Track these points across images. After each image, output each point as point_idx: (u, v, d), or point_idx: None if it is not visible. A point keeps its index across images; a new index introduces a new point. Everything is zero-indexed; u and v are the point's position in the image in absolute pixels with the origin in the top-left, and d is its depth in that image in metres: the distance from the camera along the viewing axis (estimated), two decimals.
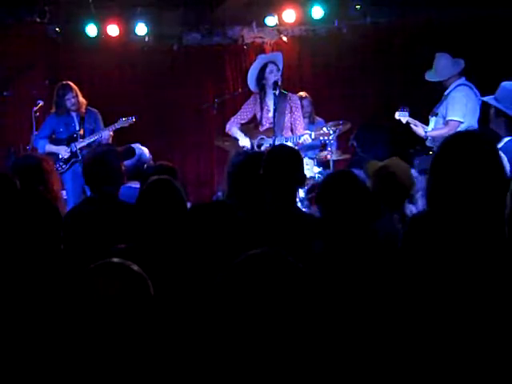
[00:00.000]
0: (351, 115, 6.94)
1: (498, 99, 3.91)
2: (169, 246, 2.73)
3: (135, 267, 1.95)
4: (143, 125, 6.86)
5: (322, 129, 5.72)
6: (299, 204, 5.83)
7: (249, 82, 5.99)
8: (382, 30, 7.33)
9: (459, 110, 5.37)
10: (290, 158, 3.21)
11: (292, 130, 5.88)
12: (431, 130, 5.65)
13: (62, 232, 3.18)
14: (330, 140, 5.68)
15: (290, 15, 7.19)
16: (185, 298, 2.37)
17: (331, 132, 5.56)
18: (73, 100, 6.16)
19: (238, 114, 6.13)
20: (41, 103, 6.40)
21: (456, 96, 5.45)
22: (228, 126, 6.13)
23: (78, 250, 3.01)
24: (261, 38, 7.82)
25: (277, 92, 5.75)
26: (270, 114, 5.86)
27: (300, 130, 5.86)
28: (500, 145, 3.81)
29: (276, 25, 7.44)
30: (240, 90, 7.37)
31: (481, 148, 2.24)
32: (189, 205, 3.85)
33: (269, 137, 5.79)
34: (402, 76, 7.40)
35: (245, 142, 5.95)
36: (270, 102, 5.89)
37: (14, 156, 6.81)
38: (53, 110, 6.29)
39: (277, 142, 5.60)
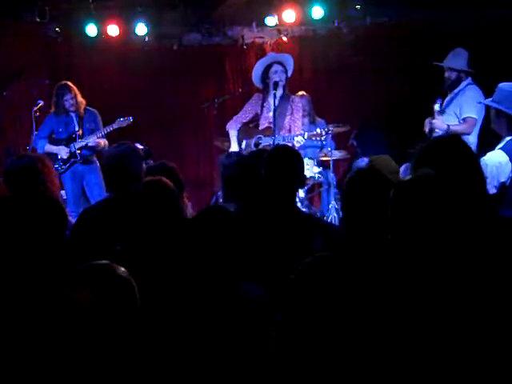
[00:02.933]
0: (351, 115, 6.95)
1: (497, 101, 3.92)
2: (161, 248, 2.73)
3: (121, 271, 1.92)
4: (143, 125, 6.87)
5: (317, 129, 5.72)
6: (299, 204, 5.84)
7: (253, 78, 5.97)
8: (382, 30, 7.32)
9: (474, 108, 5.42)
10: (290, 159, 3.21)
11: (290, 132, 5.86)
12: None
13: (81, 232, 3.17)
14: (322, 141, 5.67)
15: (289, 15, 7.18)
16: (177, 303, 2.36)
17: (323, 133, 5.55)
18: (71, 101, 6.16)
19: (240, 113, 6.06)
20: (41, 103, 6.39)
21: (470, 95, 5.51)
22: (228, 125, 6.09)
23: (98, 250, 2.98)
24: (261, 37, 7.82)
25: (277, 92, 5.74)
26: (270, 114, 5.84)
27: (297, 132, 5.84)
28: (501, 144, 3.83)
29: (276, 25, 7.43)
30: (240, 90, 7.37)
31: (459, 151, 2.28)
32: (188, 205, 3.86)
33: (266, 136, 5.77)
34: (402, 76, 7.40)
35: (233, 148, 5.93)
36: (271, 101, 5.87)
37: (15, 156, 6.81)
38: (52, 110, 6.30)
39: (265, 143, 5.61)
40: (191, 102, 7.70)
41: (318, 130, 5.62)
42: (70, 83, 6.22)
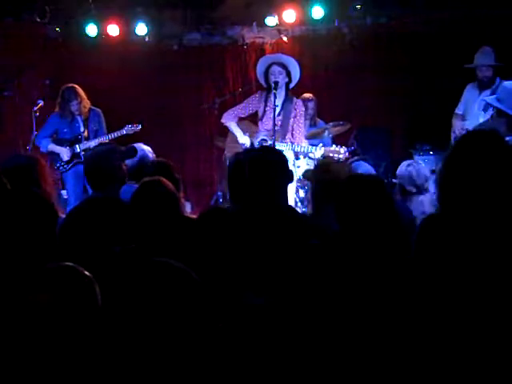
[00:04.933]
0: (351, 115, 6.95)
1: (499, 99, 3.92)
2: (160, 247, 2.74)
3: (84, 273, 1.95)
4: (143, 124, 6.85)
5: (332, 146, 5.71)
6: (299, 204, 5.84)
7: (258, 75, 5.97)
8: (382, 30, 7.32)
9: None
10: (273, 162, 3.23)
11: (292, 135, 5.84)
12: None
13: (62, 231, 3.19)
14: (340, 158, 5.64)
15: (290, 15, 7.18)
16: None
17: (342, 151, 5.55)
18: (77, 106, 6.22)
19: (239, 106, 5.99)
20: (41, 103, 6.41)
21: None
22: (225, 118, 5.99)
23: (78, 249, 3.01)
24: (261, 37, 7.82)
25: (278, 93, 5.73)
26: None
27: (299, 136, 5.82)
28: None
29: (276, 25, 7.43)
30: (240, 89, 7.37)
31: (497, 147, 2.22)
32: (188, 204, 3.87)
33: (271, 139, 5.74)
34: (402, 76, 7.39)
35: (244, 139, 5.88)
36: (276, 102, 5.87)
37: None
38: (56, 110, 6.32)
39: (278, 146, 5.58)
40: (191, 101, 7.71)
41: (336, 148, 5.61)
42: (76, 87, 6.24)
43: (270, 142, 5.70)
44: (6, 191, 3.02)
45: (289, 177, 3.31)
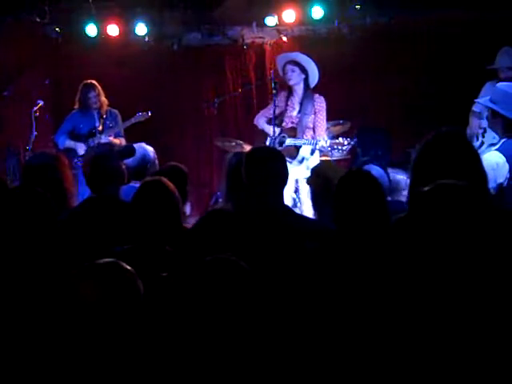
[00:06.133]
0: (351, 115, 6.95)
1: (494, 101, 3.91)
2: (160, 248, 2.74)
3: (127, 268, 1.97)
4: (142, 125, 6.86)
5: (338, 138, 5.75)
6: (298, 204, 5.85)
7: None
8: (382, 30, 7.32)
9: None
10: (269, 161, 3.24)
11: (314, 131, 5.90)
12: None
13: (62, 232, 3.19)
14: (343, 150, 5.68)
15: (289, 15, 7.18)
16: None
17: (345, 143, 5.59)
18: (94, 99, 6.38)
19: (266, 108, 6.16)
20: (41, 103, 6.45)
21: None
22: (256, 120, 6.16)
23: (78, 249, 3.01)
24: (261, 38, 7.81)
25: (277, 92, 5.81)
26: (294, 113, 5.89)
27: (321, 132, 5.88)
28: (497, 146, 3.83)
29: (276, 25, 7.43)
30: (240, 89, 7.38)
31: (461, 146, 2.27)
32: (189, 205, 3.87)
33: (290, 136, 5.81)
34: (402, 76, 7.40)
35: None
36: (295, 101, 5.92)
37: (14, 156, 6.85)
38: (76, 107, 6.45)
39: (289, 143, 5.73)
40: (191, 101, 7.71)
41: (341, 139, 5.66)
42: (94, 82, 6.41)
43: (288, 140, 5.79)
44: (7, 190, 3.04)
45: (285, 177, 3.31)
